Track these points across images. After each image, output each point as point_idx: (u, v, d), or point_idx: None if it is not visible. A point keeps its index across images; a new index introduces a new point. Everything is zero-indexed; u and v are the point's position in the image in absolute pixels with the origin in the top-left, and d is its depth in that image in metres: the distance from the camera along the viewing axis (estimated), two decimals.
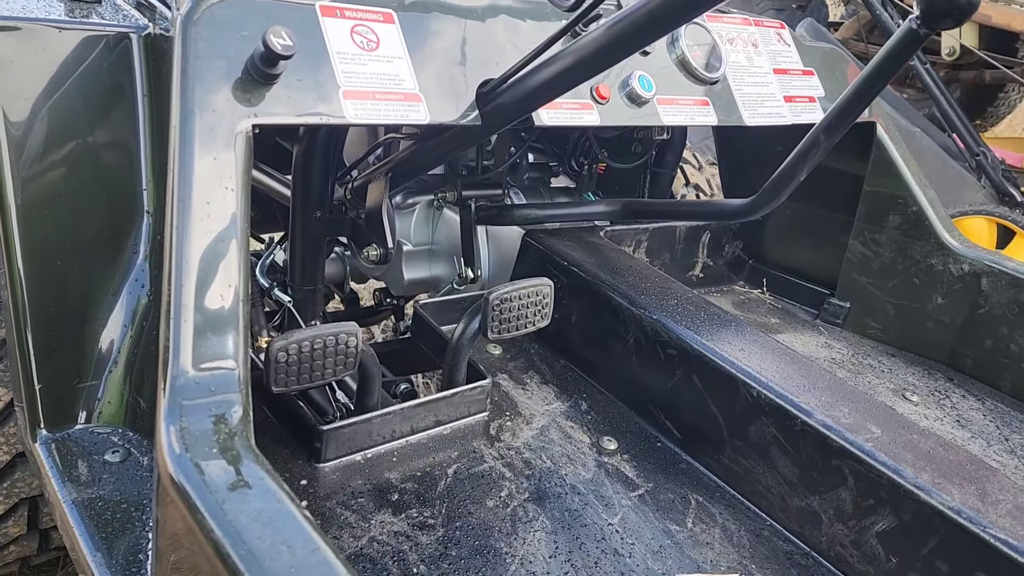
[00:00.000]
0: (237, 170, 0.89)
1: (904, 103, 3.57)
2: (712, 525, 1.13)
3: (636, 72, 1.30)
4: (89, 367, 1.14)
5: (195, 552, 0.67)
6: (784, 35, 1.61)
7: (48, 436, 1.11)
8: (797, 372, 1.20)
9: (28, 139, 1.12)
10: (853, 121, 1.13)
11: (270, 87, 0.95)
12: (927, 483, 1.00)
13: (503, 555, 1.01)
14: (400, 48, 1.07)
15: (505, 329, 1.20)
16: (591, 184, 1.84)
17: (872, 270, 1.76)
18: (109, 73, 1.16)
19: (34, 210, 1.12)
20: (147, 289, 1.17)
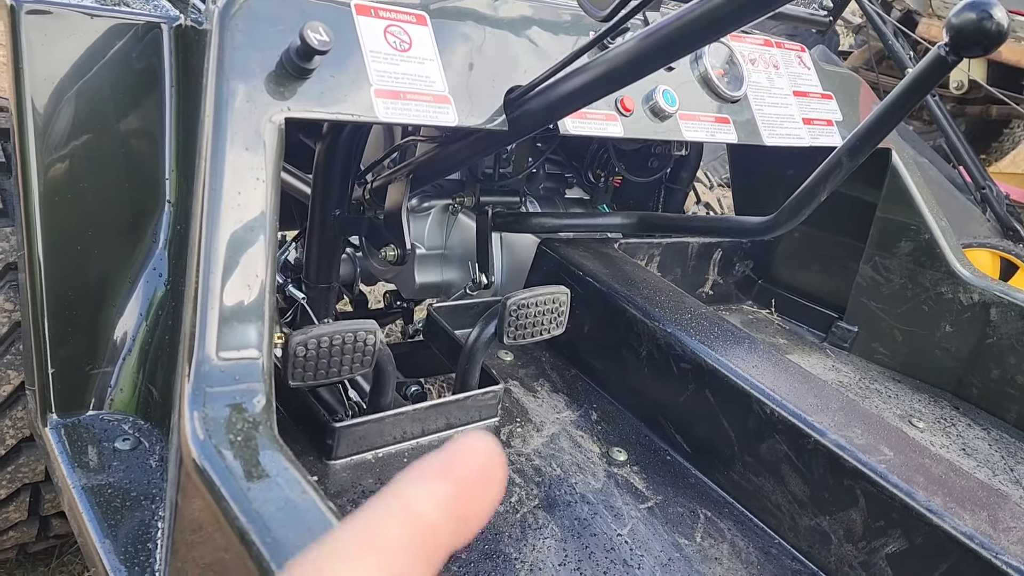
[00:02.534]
0: (268, 162, 0.90)
1: (912, 134, 3.60)
2: (721, 541, 1.13)
3: (660, 86, 1.31)
4: (103, 354, 1.14)
5: (217, 539, 0.67)
6: (804, 58, 1.63)
7: (59, 421, 1.11)
8: (810, 391, 1.20)
9: (54, 124, 1.12)
10: (876, 144, 1.14)
11: (303, 81, 0.95)
12: (939, 507, 1.00)
13: (512, 560, 1.01)
14: (432, 50, 1.08)
15: (521, 335, 1.20)
16: (606, 197, 1.85)
17: (881, 295, 1.77)
18: (137, 62, 1.17)
19: (56, 195, 1.12)
20: (165, 279, 1.17)
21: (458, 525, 0.23)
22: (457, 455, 0.24)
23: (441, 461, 0.24)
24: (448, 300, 1.64)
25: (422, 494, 0.23)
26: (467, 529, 0.24)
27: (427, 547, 0.22)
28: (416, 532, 0.22)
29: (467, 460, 0.24)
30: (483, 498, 0.24)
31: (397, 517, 0.22)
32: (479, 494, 0.24)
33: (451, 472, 0.24)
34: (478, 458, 0.24)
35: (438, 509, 0.23)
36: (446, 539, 0.23)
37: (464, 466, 0.24)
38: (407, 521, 0.22)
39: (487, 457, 0.24)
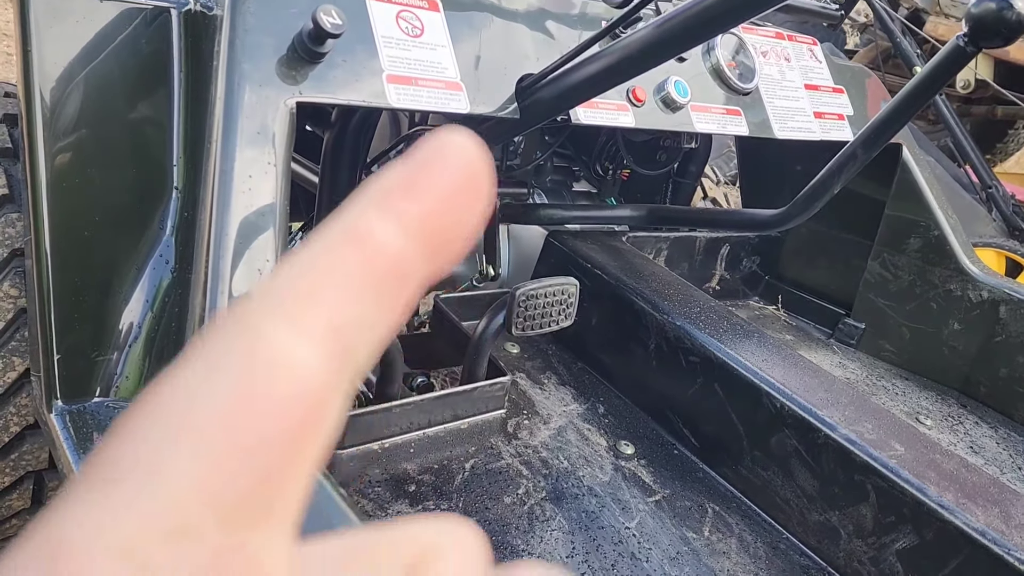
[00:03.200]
0: (279, 147, 0.89)
1: (918, 133, 3.59)
2: (729, 535, 1.12)
3: (672, 77, 1.30)
4: (109, 341, 1.13)
5: None
6: (816, 51, 1.62)
7: (64, 408, 1.10)
8: (820, 386, 1.19)
9: (62, 110, 1.11)
10: (892, 136, 1.13)
11: (315, 66, 0.94)
12: (951, 502, 0.99)
13: (520, 552, 1.00)
14: (444, 36, 1.07)
15: (529, 326, 1.19)
16: (614, 190, 1.84)
17: (889, 292, 1.76)
18: (146, 47, 1.15)
19: (64, 181, 1.10)
20: (172, 266, 1.16)
21: (431, 248, 0.18)
22: (426, 161, 0.18)
23: (406, 171, 0.18)
24: (455, 291, 1.63)
25: (381, 216, 0.18)
26: (444, 252, 0.19)
27: (392, 280, 0.18)
28: (376, 264, 0.18)
29: (439, 165, 0.18)
30: (461, 210, 0.19)
31: (350, 249, 0.17)
32: (456, 206, 0.18)
33: (419, 184, 0.18)
34: (454, 160, 0.18)
35: (403, 233, 0.18)
36: (415, 268, 0.18)
37: (436, 174, 0.18)
38: (363, 252, 0.17)
39: (464, 156, 0.19)
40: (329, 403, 0.17)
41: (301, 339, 0.16)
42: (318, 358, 0.16)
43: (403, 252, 0.18)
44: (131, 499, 0.15)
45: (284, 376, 0.16)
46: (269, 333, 0.16)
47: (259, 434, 0.15)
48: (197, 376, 0.16)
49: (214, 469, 0.15)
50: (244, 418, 0.15)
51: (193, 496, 0.15)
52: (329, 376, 0.17)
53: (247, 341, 0.16)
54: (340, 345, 0.17)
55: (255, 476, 0.15)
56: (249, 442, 0.15)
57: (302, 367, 0.16)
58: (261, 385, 0.16)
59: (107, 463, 0.15)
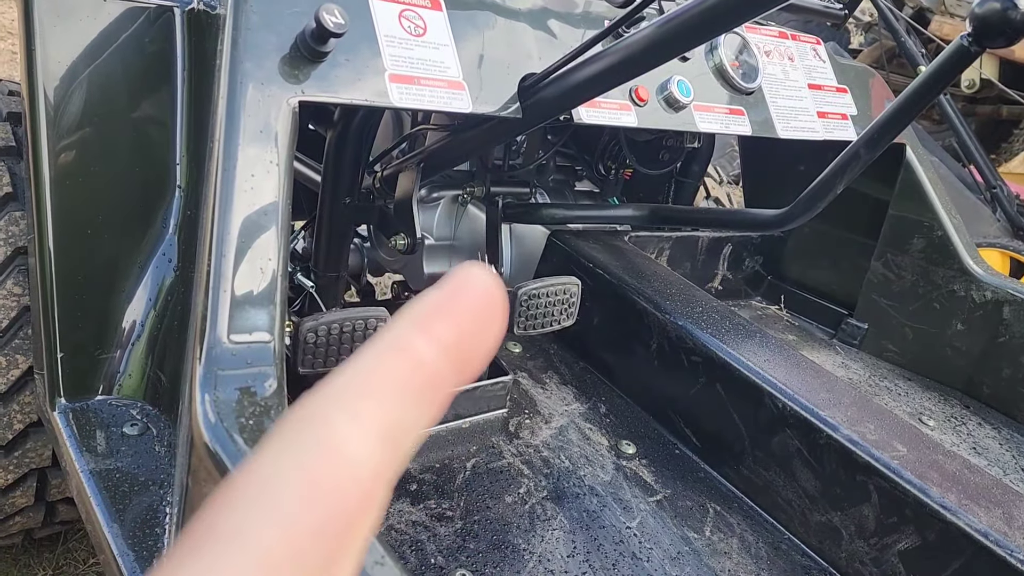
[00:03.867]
0: (282, 146, 0.89)
1: (922, 133, 3.58)
2: (730, 535, 1.12)
3: (675, 77, 1.30)
4: (112, 339, 1.14)
5: None
6: (820, 51, 1.61)
7: (67, 405, 1.10)
8: (823, 386, 1.19)
9: (65, 108, 1.11)
10: (895, 136, 1.13)
11: (318, 65, 0.94)
12: (953, 504, 0.99)
13: (521, 551, 1.00)
14: (446, 36, 1.07)
15: (531, 325, 1.19)
16: (616, 189, 1.84)
17: (893, 292, 1.75)
18: (149, 46, 1.16)
19: (67, 179, 1.11)
20: (175, 264, 1.16)
21: (459, 365, 0.22)
22: (455, 291, 0.22)
23: (439, 299, 0.22)
24: None
25: (422, 336, 0.22)
26: (469, 368, 0.23)
27: (429, 390, 0.21)
28: (418, 375, 0.21)
29: (466, 296, 0.22)
30: (484, 335, 0.23)
31: (397, 361, 0.21)
32: (480, 331, 0.22)
33: (450, 310, 0.22)
34: (477, 293, 0.23)
35: (439, 351, 0.22)
36: (447, 380, 0.22)
37: (463, 303, 0.22)
38: (408, 365, 0.21)
39: (486, 291, 0.23)
40: (381, 486, 0.20)
41: (360, 433, 0.20)
42: (373, 449, 0.20)
43: (438, 365, 0.22)
44: (227, 557, 0.18)
45: (348, 463, 0.19)
46: (335, 426, 0.20)
47: (328, 508, 0.19)
48: (278, 459, 0.19)
49: (293, 536, 0.18)
50: (317, 495, 0.19)
51: (276, 557, 0.18)
52: (381, 466, 0.20)
53: (318, 432, 0.20)
54: (389, 440, 0.20)
55: (324, 543, 0.19)
56: (320, 515, 0.19)
57: (361, 456, 0.20)
58: (331, 470, 0.19)
59: (207, 527, 0.18)
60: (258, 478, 0.19)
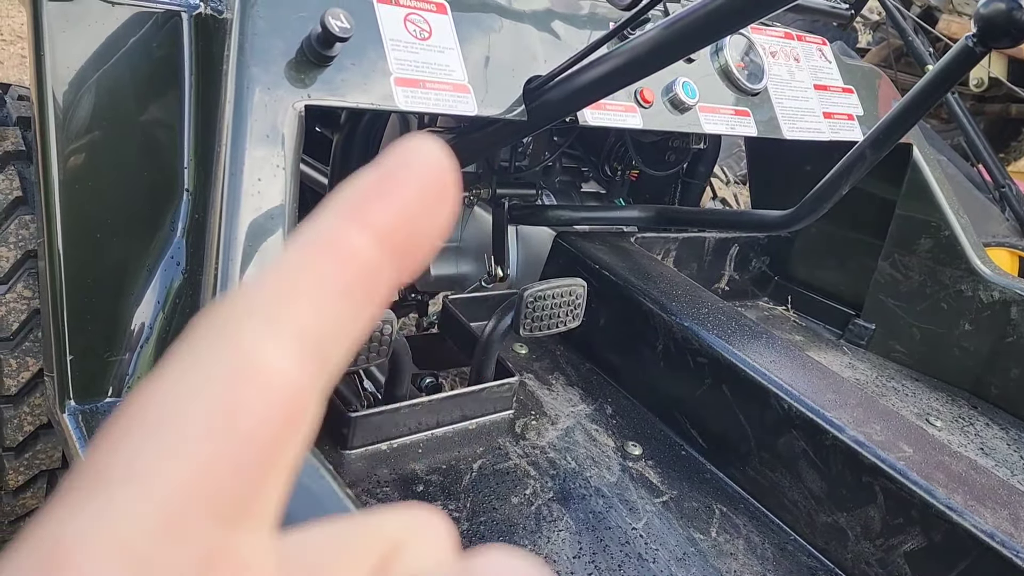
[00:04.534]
0: (288, 150, 0.89)
1: (930, 132, 3.56)
2: (736, 536, 1.12)
3: (680, 78, 1.30)
4: (121, 341, 1.14)
5: None
6: (826, 51, 1.61)
7: (76, 408, 1.11)
8: (829, 387, 1.19)
9: (74, 113, 1.12)
10: (901, 137, 1.13)
11: (324, 69, 0.95)
12: (959, 505, 0.99)
13: (526, 552, 1.00)
14: (451, 39, 1.08)
15: (537, 327, 1.19)
16: (622, 190, 1.84)
17: (900, 293, 1.75)
18: (157, 51, 1.17)
19: (76, 183, 1.12)
20: (183, 267, 1.17)
21: (401, 253, 0.19)
22: (393, 168, 0.19)
23: (373, 178, 0.19)
24: (463, 292, 1.63)
25: (351, 223, 0.19)
26: (413, 256, 0.20)
27: (362, 285, 0.19)
28: (347, 270, 0.18)
29: (406, 172, 0.19)
30: (430, 216, 0.19)
31: (320, 256, 0.18)
32: (425, 211, 0.19)
33: (386, 191, 0.19)
34: (420, 167, 0.19)
35: (373, 239, 0.19)
36: (387, 275, 0.19)
37: (402, 180, 0.19)
38: (333, 259, 0.18)
39: (430, 164, 0.19)
40: (306, 405, 0.18)
41: (278, 344, 0.17)
42: (294, 362, 0.17)
43: (373, 259, 0.19)
44: (124, 501, 0.15)
45: (264, 381, 0.17)
46: (248, 339, 0.17)
47: (242, 437, 0.16)
48: (181, 380, 0.16)
49: (202, 471, 0.16)
50: (228, 422, 0.16)
51: (183, 497, 0.15)
52: (305, 380, 0.17)
53: (227, 347, 0.17)
54: (315, 349, 0.18)
55: (240, 477, 0.16)
56: (233, 445, 0.16)
57: (280, 372, 0.17)
58: (243, 390, 0.16)
59: (99, 467, 0.16)
60: (158, 404, 0.16)
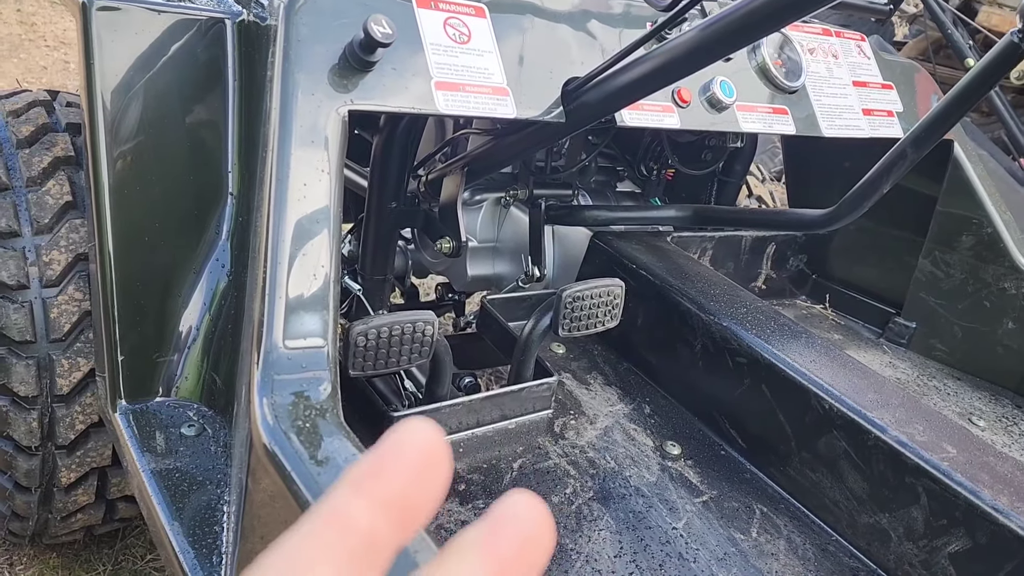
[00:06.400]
0: (332, 154, 0.91)
1: (971, 126, 3.50)
2: (777, 536, 1.12)
3: (717, 77, 1.30)
4: (169, 342, 1.17)
5: (288, 521, 0.68)
6: (864, 47, 1.60)
7: (127, 407, 1.14)
8: (870, 387, 1.18)
9: (122, 118, 1.15)
10: (943, 135, 1.12)
11: (366, 74, 0.96)
12: (1006, 505, 0.98)
13: (568, 551, 1.01)
14: (490, 42, 1.09)
15: (575, 327, 1.20)
16: (658, 190, 1.84)
17: (941, 291, 1.73)
18: (202, 57, 1.19)
19: (125, 187, 1.15)
20: (228, 270, 1.19)
21: (399, 521, 0.22)
22: (392, 447, 0.22)
23: (374, 458, 0.22)
24: (500, 293, 1.65)
25: (356, 499, 0.22)
26: (413, 524, 0.23)
27: (367, 550, 0.22)
28: (349, 540, 0.21)
29: (404, 450, 0.22)
30: (427, 488, 0.23)
31: (327, 528, 0.21)
32: (422, 484, 0.23)
33: (386, 467, 0.22)
34: (414, 447, 0.23)
35: (374, 510, 0.22)
36: (387, 537, 0.22)
37: (400, 460, 0.22)
38: (338, 530, 0.21)
39: (425, 441, 0.23)
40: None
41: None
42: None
43: (373, 526, 0.22)
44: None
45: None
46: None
47: None
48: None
49: None
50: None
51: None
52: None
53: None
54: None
55: None
56: None
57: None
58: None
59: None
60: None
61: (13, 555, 1.63)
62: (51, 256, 1.26)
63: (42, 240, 1.26)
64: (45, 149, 1.32)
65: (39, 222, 1.26)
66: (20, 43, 4.22)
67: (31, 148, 1.32)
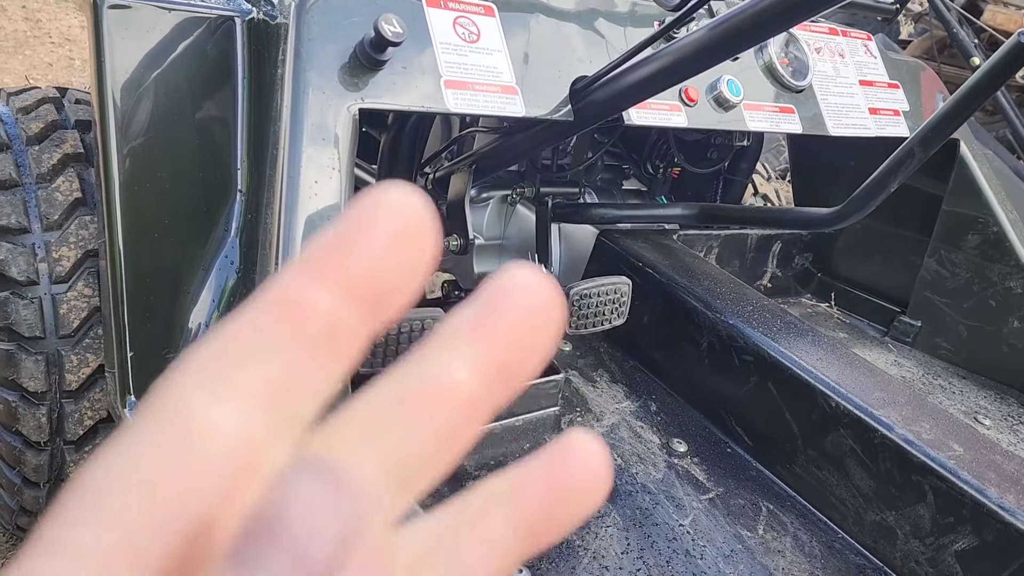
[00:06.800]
0: (343, 152, 0.92)
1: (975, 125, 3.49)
2: (783, 534, 1.12)
3: (725, 76, 1.30)
4: (178, 339, 1.18)
5: None
6: (871, 46, 1.60)
7: (137, 403, 1.15)
8: (877, 385, 1.18)
9: (132, 115, 1.16)
10: (950, 134, 1.12)
11: (376, 73, 0.97)
12: (1012, 504, 0.99)
13: (576, 548, 1.02)
14: (499, 41, 1.09)
15: (583, 325, 1.21)
16: (664, 188, 1.84)
17: (947, 290, 1.73)
18: (211, 55, 1.20)
19: (135, 184, 1.15)
20: (237, 267, 1.20)
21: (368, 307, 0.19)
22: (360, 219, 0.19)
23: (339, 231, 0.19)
24: None
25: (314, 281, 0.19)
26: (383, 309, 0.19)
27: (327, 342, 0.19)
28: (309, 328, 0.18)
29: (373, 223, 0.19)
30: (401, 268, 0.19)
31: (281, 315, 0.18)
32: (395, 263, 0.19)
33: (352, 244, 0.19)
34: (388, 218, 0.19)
35: (336, 296, 0.19)
36: (352, 327, 0.19)
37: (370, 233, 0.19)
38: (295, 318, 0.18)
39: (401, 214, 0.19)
40: (258, 456, 0.18)
41: (224, 404, 0.18)
42: (241, 419, 0.18)
43: (335, 314, 0.19)
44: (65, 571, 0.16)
45: (205, 440, 0.17)
46: (193, 402, 0.18)
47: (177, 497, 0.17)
48: (125, 451, 0.17)
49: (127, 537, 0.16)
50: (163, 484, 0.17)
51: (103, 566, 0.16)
52: (255, 432, 0.18)
53: (172, 412, 0.18)
54: (269, 405, 0.18)
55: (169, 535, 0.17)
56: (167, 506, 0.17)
57: (224, 430, 0.18)
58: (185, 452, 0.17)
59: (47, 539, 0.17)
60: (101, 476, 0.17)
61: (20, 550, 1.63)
62: (60, 252, 1.26)
63: (52, 236, 1.27)
64: (55, 146, 1.32)
65: (49, 218, 1.27)
66: (25, 40, 4.23)
67: (40, 145, 1.32)
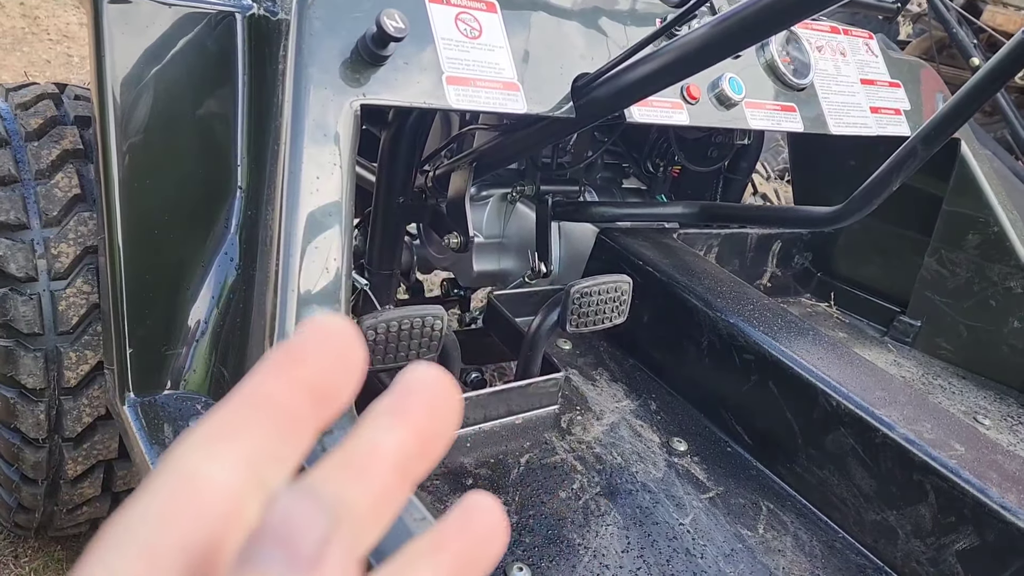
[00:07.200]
0: (344, 148, 0.91)
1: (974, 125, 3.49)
2: (784, 533, 1.12)
3: (726, 74, 1.30)
4: (178, 336, 1.17)
5: None
6: (872, 45, 1.60)
7: (136, 400, 1.14)
8: (877, 384, 1.18)
9: (132, 112, 1.15)
10: (952, 133, 1.12)
11: (378, 68, 0.96)
12: (1013, 504, 0.98)
13: (576, 546, 1.01)
14: (501, 38, 1.09)
15: (583, 323, 1.20)
16: (664, 187, 1.84)
17: (947, 289, 1.73)
18: (211, 50, 1.19)
19: (135, 181, 1.14)
20: (236, 263, 1.19)
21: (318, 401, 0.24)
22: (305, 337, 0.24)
23: (290, 346, 0.24)
24: (507, 288, 1.65)
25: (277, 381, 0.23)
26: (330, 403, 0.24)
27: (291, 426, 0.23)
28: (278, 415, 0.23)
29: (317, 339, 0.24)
30: (342, 374, 0.24)
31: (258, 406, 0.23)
32: (337, 371, 0.24)
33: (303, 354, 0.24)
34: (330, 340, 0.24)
35: (296, 392, 0.23)
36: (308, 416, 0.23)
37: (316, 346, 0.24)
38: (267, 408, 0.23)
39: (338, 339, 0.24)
40: (243, 503, 0.22)
41: (218, 465, 0.22)
42: (230, 476, 0.22)
43: (295, 405, 0.23)
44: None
45: (206, 487, 0.21)
46: (195, 463, 0.22)
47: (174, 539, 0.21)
48: (147, 498, 0.21)
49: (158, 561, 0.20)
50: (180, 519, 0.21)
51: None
52: (239, 488, 0.22)
53: (181, 470, 0.22)
54: (251, 471, 0.22)
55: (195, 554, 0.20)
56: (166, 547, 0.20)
57: (216, 484, 0.21)
58: (192, 495, 0.21)
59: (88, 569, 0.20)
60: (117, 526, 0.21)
61: (18, 547, 1.63)
62: (59, 249, 1.26)
63: (51, 233, 1.26)
64: (54, 142, 1.32)
65: (48, 215, 1.26)
66: (23, 37, 4.22)
67: (40, 141, 1.32)
